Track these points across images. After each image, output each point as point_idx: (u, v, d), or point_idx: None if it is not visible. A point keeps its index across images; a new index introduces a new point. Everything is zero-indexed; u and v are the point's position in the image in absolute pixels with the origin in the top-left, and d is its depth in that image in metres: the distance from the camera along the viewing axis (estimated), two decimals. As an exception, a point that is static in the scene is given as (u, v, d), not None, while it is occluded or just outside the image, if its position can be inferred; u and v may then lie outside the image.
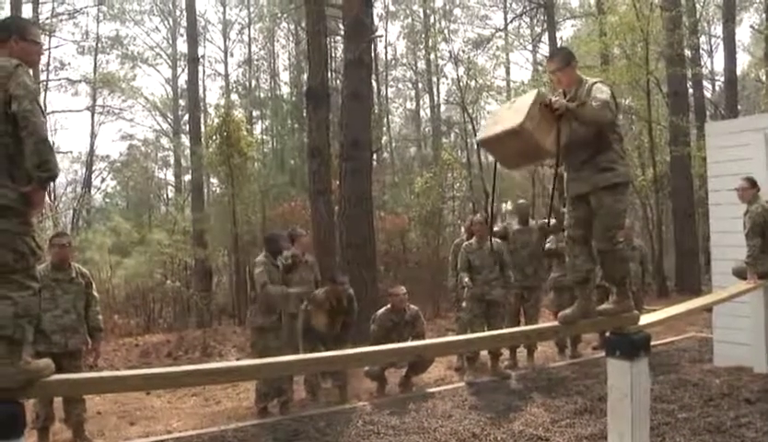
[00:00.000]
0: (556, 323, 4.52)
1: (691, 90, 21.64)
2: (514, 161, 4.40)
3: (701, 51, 26.37)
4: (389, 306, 7.81)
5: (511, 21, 31.88)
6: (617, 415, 4.21)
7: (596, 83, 4.24)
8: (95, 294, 6.47)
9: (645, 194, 20.17)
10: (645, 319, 4.69)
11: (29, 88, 2.99)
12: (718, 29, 28.38)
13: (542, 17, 27.39)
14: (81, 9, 29.93)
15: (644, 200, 20.35)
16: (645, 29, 17.09)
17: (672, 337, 10.15)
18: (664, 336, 9.99)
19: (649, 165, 19.42)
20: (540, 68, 25.14)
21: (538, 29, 29.79)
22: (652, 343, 4.55)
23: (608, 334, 4.40)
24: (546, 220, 9.41)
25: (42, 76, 27.89)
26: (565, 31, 31.02)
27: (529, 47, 31.86)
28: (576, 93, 4.25)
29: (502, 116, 4.10)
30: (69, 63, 30.73)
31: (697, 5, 23.05)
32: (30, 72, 3.18)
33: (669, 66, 18.50)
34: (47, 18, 28.16)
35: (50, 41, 28.54)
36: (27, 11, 25.55)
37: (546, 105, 3.89)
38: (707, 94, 27.88)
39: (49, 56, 28.81)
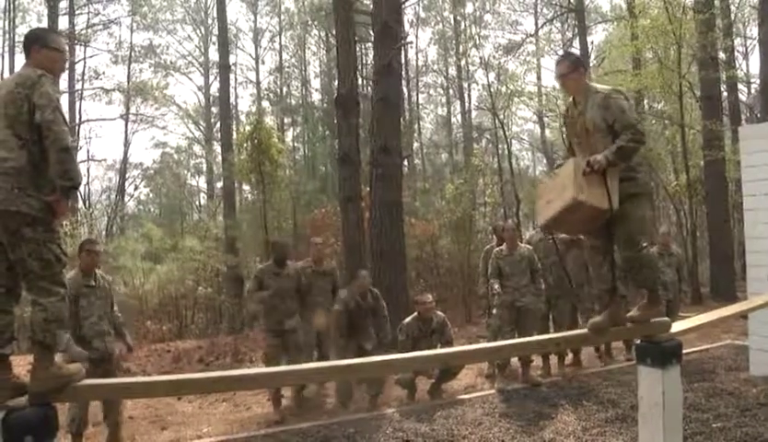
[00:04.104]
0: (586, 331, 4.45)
1: (725, 94, 21.33)
2: (583, 228, 4.35)
3: (735, 53, 25.97)
4: (415, 314, 7.78)
5: (542, 26, 31.78)
6: (649, 424, 4.14)
7: (610, 97, 4.10)
8: (113, 295, 6.61)
9: (679, 200, 19.91)
10: (677, 326, 4.60)
11: (51, 98, 3.05)
12: (754, 31, 27.95)
13: (573, 22, 27.29)
14: (115, 20, 30.48)
15: (677, 205, 20.10)
16: (677, 32, 16.89)
17: (707, 344, 9.96)
18: (699, 343, 9.81)
19: (682, 170, 19.15)
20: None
21: (569, 34, 29.68)
22: (686, 350, 4.47)
23: (638, 342, 4.33)
24: None
25: (77, 85, 28.46)
26: (597, 36, 30.80)
27: (561, 52, 31.61)
28: (586, 104, 4.17)
29: (551, 195, 4.13)
30: (104, 73, 31.29)
31: (732, 7, 22.72)
32: (57, 81, 3.25)
33: (702, 70, 18.24)
34: (82, 29, 28.80)
35: (85, 51, 29.19)
36: (63, 23, 26.14)
37: (588, 171, 3.88)
38: (742, 97, 27.45)
39: (84, 66, 29.48)
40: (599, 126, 4.08)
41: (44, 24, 25.37)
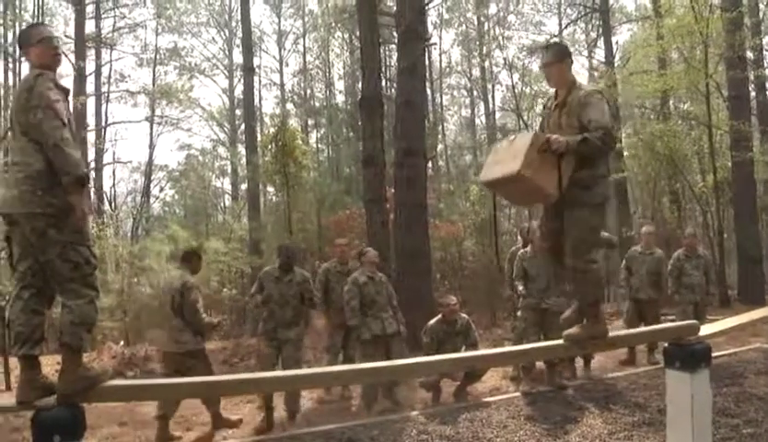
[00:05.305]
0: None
1: (753, 93, 21.05)
2: (521, 200, 4.31)
3: (764, 52, 25.56)
4: (440, 316, 7.75)
5: (566, 27, 31.54)
6: (677, 429, 4.10)
7: (592, 95, 3.98)
8: None
9: (706, 201, 19.68)
10: (706, 330, 4.55)
11: (42, 97, 3.04)
12: (783, 30, 27.48)
13: (598, 22, 27.03)
14: (141, 23, 30.81)
15: (704, 207, 19.87)
16: (704, 31, 16.67)
17: (735, 348, 9.82)
18: (727, 347, 9.67)
19: (709, 171, 18.91)
20: (595, 74, 24.79)
21: (593, 35, 29.38)
22: (714, 353, 4.41)
23: (666, 345, 4.28)
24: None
25: (104, 88, 28.83)
26: (622, 36, 30.54)
27: (585, 52, 31.41)
28: (567, 97, 4.06)
29: (502, 156, 3.93)
30: (129, 76, 31.76)
31: (760, 5, 22.32)
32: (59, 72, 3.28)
33: (730, 69, 17.98)
34: (108, 33, 29.14)
35: (111, 54, 29.58)
36: (89, 26, 26.53)
37: (544, 149, 3.70)
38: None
39: (110, 68, 29.89)
40: (572, 124, 3.95)
41: (71, 28, 25.79)
